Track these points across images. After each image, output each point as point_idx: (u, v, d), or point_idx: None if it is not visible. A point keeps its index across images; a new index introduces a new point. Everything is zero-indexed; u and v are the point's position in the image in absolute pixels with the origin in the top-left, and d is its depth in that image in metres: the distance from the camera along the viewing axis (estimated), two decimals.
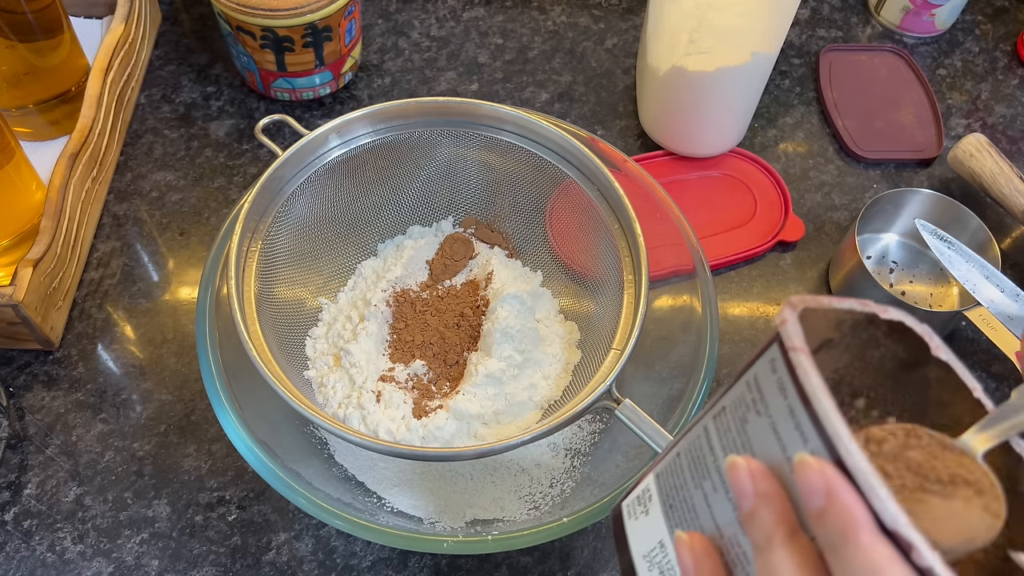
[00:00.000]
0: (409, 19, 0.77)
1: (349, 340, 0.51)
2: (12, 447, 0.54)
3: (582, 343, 0.53)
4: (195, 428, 0.55)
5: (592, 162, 0.51)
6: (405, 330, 0.53)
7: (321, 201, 0.53)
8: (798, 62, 0.76)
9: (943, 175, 0.69)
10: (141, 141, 0.68)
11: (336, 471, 0.50)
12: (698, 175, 0.68)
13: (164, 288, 0.61)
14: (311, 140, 0.50)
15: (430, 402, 0.50)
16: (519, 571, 0.51)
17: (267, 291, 0.49)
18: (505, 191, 0.56)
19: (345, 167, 0.52)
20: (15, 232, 0.57)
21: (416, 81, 0.73)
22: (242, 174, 0.67)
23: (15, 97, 0.62)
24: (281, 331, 0.49)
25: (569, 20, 0.78)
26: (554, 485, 0.50)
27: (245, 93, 0.71)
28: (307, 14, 0.62)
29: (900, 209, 0.64)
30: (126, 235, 0.63)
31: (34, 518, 0.52)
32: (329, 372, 0.51)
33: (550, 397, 0.50)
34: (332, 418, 0.43)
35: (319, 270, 0.55)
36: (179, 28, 0.75)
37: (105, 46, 0.64)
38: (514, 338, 0.51)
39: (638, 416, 0.42)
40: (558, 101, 0.72)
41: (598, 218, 0.51)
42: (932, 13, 0.75)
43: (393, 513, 0.48)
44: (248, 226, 0.48)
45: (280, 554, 0.51)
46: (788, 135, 0.71)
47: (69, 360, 0.57)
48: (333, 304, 0.54)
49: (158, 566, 0.50)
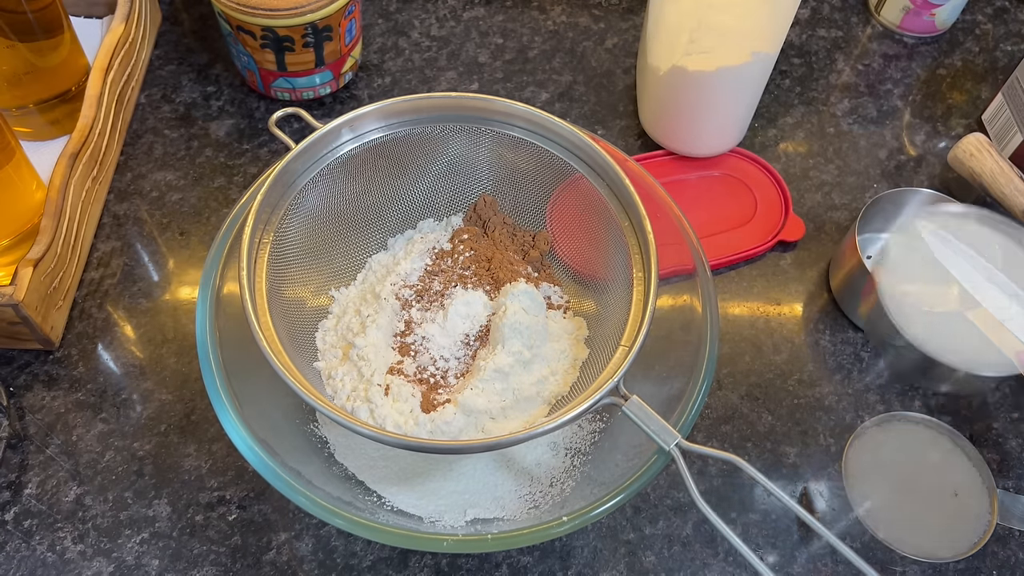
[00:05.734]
0: (409, 19, 0.77)
1: (358, 333, 0.51)
2: (12, 447, 0.54)
3: (590, 340, 0.54)
4: (195, 428, 0.55)
5: (602, 158, 0.51)
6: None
7: (332, 195, 0.53)
8: (798, 62, 0.76)
9: (943, 175, 0.69)
10: (141, 141, 0.68)
11: (336, 470, 0.50)
12: (698, 175, 0.68)
13: (164, 288, 0.61)
14: (324, 134, 0.50)
15: (438, 396, 0.50)
16: (519, 571, 0.51)
17: (278, 283, 0.49)
18: (516, 186, 0.57)
19: (356, 161, 0.52)
20: (15, 232, 0.57)
21: (416, 81, 0.73)
22: (242, 174, 0.67)
23: (15, 97, 0.62)
24: (291, 323, 0.50)
25: (569, 20, 0.78)
26: (554, 484, 0.50)
27: (245, 93, 0.71)
28: (307, 14, 0.62)
29: (900, 209, 0.64)
30: (126, 235, 0.63)
31: (34, 518, 0.52)
32: (338, 364, 0.51)
33: (558, 393, 0.50)
34: (341, 409, 0.43)
35: (329, 263, 0.55)
36: (179, 28, 0.75)
37: (105, 46, 0.64)
38: (523, 334, 0.51)
39: (645, 413, 0.42)
40: (558, 101, 0.72)
41: (607, 213, 0.52)
42: (932, 13, 0.75)
43: (393, 512, 0.48)
44: (260, 218, 0.48)
45: (280, 554, 0.51)
46: (788, 135, 0.71)
47: (69, 360, 0.57)
48: (343, 297, 0.55)
49: (158, 566, 0.50)
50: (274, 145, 0.68)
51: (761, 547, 0.52)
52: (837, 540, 0.38)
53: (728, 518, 0.53)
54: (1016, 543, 0.53)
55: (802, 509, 0.39)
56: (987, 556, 0.52)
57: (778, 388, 0.58)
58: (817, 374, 0.59)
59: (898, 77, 0.75)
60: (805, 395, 0.58)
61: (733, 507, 0.54)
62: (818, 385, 0.59)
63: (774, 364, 0.60)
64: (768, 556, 0.52)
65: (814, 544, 0.53)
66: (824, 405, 0.58)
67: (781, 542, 0.53)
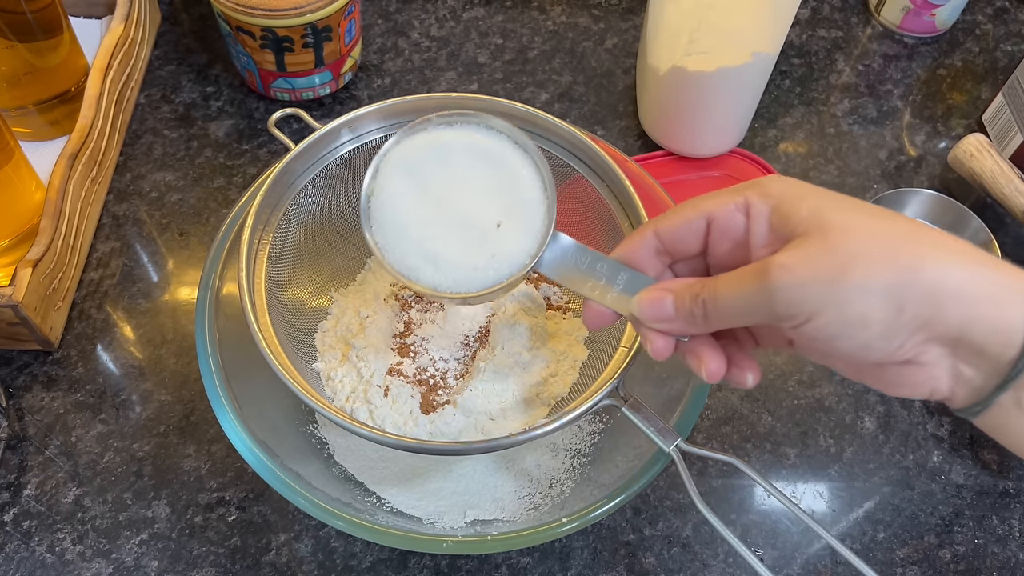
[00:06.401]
0: (409, 19, 0.77)
1: (357, 334, 0.51)
2: (11, 448, 0.54)
3: (589, 340, 0.53)
4: (195, 429, 0.55)
5: (602, 158, 0.51)
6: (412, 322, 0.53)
7: (332, 195, 0.53)
8: (798, 62, 0.76)
9: (943, 175, 0.69)
10: (141, 141, 0.68)
11: (336, 471, 0.50)
12: (698, 175, 0.68)
13: (164, 288, 0.61)
14: (324, 135, 0.50)
15: (438, 397, 0.50)
16: (519, 572, 0.51)
17: (277, 283, 0.49)
18: None
19: (356, 162, 0.52)
20: (14, 232, 0.57)
21: (416, 81, 0.73)
22: (242, 174, 0.67)
23: (14, 97, 0.62)
24: (291, 324, 0.49)
25: (569, 20, 0.78)
26: (554, 485, 0.50)
27: (245, 93, 0.71)
28: (307, 14, 0.62)
29: (900, 209, 0.63)
30: (126, 235, 0.63)
31: (33, 519, 0.52)
32: (337, 365, 0.51)
33: (557, 394, 0.50)
34: (341, 411, 0.43)
35: (329, 264, 0.55)
36: (179, 28, 0.75)
37: (105, 46, 0.64)
38: (522, 335, 0.51)
39: (645, 414, 0.42)
40: (558, 101, 0.72)
41: (607, 214, 0.51)
42: (932, 13, 0.75)
43: (393, 513, 0.48)
44: (260, 219, 0.47)
45: (280, 555, 0.51)
46: (788, 135, 0.71)
47: (68, 361, 0.57)
48: (342, 298, 0.55)
49: (157, 567, 0.50)
50: (273, 146, 0.68)
51: (761, 548, 0.52)
52: (837, 540, 0.38)
53: (728, 519, 0.53)
54: (1016, 543, 0.53)
55: (802, 510, 0.39)
56: (987, 556, 0.52)
57: (778, 389, 0.58)
58: (817, 375, 0.59)
59: (898, 77, 0.75)
60: (805, 396, 0.58)
61: (733, 508, 0.54)
62: (818, 386, 0.59)
63: (774, 365, 0.59)
64: (768, 557, 0.52)
65: (814, 544, 0.53)
66: (824, 406, 0.58)
67: (781, 543, 0.53)
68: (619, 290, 0.39)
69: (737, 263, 0.35)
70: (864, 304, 0.31)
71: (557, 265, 0.41)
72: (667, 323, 0.37)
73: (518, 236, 0.41)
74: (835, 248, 0.31)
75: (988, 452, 0.56)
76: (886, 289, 0.30)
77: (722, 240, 0.36)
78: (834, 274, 0.31)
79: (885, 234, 0.31)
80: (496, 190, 0.42)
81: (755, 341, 0.39)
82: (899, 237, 0.31)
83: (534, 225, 0.42)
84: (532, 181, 0.42)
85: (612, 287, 0.39)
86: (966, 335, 0.31)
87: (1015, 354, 0.31)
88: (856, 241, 0.31)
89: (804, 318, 0.31)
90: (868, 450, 0.56)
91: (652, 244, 0.38)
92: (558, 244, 0.41)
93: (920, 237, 0.31)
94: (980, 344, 0.31)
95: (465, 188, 0.42)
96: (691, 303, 0.35)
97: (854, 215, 0.32)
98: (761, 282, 0.32)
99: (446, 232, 0.42)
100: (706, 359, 0.37)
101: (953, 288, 0.30)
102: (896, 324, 0.31)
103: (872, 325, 0.31)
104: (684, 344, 0.37)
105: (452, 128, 0.43)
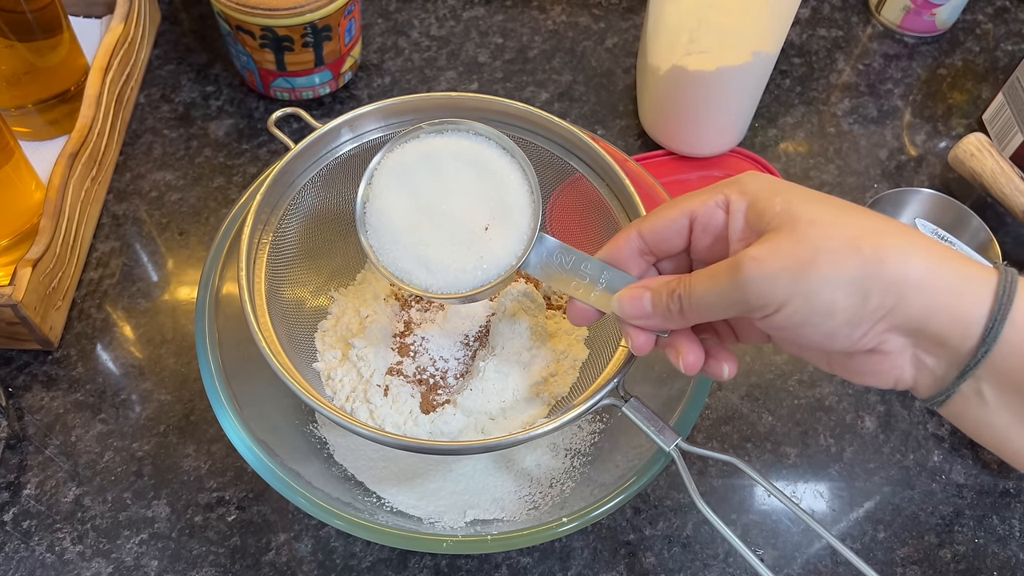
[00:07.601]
0: (409, 18, 0.77)
1: (357, 334, 0.51)
2: (11, 447, 0.54)
3: (590, 340, 0.53)
4: (194, 428, 0.55)
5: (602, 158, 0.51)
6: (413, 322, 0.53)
7: (332, 195, 0.53)
8: (798, 62, 0.76)
9: (943, 175, 0.69)
10: (140, 141, 0.68)
11: (336, 471, 0.50)
12: (698, 175, 0.68)
13: (163, 288, 0.61)
14: (324, 134, 0.50)
15: (438, 397, 0.50)
16: (519, 572, 0.51)
17: (277, 283, 0.49)
18: None
19: (356, 161, 0.52)
20: (14, 232, 0.57)
21: (416, 81, 0.73)
22: (241, 174, 0.66)
23: (14, 97, 0.62)
24: (290, 323, 0.49)
25: (569, 20, 0.78)
26: (554, 485, 0.50)
27: (245, 93, 0.71)
28: (307, 13, 0.62)
29: (900, 209, 0.63)
30: (125, 235, 0.63)
31: (33, 518, 0.51)
32: (337, 365, 0.51)
33: (557, 393, 0.50)
34: (341, 410, 0.43)
35: (329, 263, 0.55)
36: (179, 28, 0.75)
37: (104, 46, 0.64)
38: (522, 334, 0.51)
39: (645, 413, 0.42)
40: (558, 101, 0.72)
41: (607, 213, 0.51)
42: (933, 12, 0.75)
43: (393, 513, 0.48)
44: (260, 218, 0.47)
45: (280, 555, 0.51)
46: (788, 135, 0.71)
47: (68, 360, 0.57)
48: (342, 297, 0.55)
49: (157, 567, 0.50)
50: (273, 145, 0.68)
51: (761, 547, 0.52)
52: (837, 540, 0.38)
53: (728, 519, 0.53)
54: (1016, 543, 0.53)
55: (802, 509, 0.39)
56: (988, 556, 0.52)
57: (778, 388, 0.58)
58: (817, 374, 0.59)
59: (898, 77, 0.75)
60: (805, 395, 0.58)
61: (733, 508, 0.54)
62: (818, 385, 0.59)
63: (774, 364, 0.59)
64: (768, 556, 0.52)
65: (814, 544, 0.52)
66: (824, 405, 0.58)
67: (781, 542, 0.53)
68: (602, 288, 0.40)
69: (718, 258, 0.36)
70: (830, 293, 0.32)
71: (543, 265, 0.43)
72: (645, 319, 0.38)
73: (505, 239, 0.43)
74: (803, 240, 0.32)
75: (988, 452, 0.56)
76: (852, 279, 0.32)
77: (704, 236, 0.37)
78: (802, 265, 0.32)
79: (851, 227, 0.32)
80: (484, 195, 0.44)
81: (735, 336, 0.40)
82: (864, 230, 0.32)
83: (520, 228, 0.44)
84: (519, 186, 0.44)
85: (595, 286, 0.41)
86: (927, 325, 0.32)
87: (973, 344, 0.32)
88: (823, 234, 0.32)
89: (774, 308, 0.33)
90: (868, 450, 0.56)
91: (636, 244, 0.39)
92: (543, 245, 0.43)
93: (884, 230, 0.32)
94: (940, 334, 0.32)
95: (455, 194, 0.44)
96: (668, 299, 0.37)
97: (822, 209, 0.33)
98: (734, 276, 0.33)
99: (437, 236, 0.44)
100: (684, 351, 0.38)
101: (916, 279, 0.31)
102: (860, 313, 0.32)
103: (838, 314, 0.32)
104: (664, 339, 0.39)
105: (442, 136, 0.45)
